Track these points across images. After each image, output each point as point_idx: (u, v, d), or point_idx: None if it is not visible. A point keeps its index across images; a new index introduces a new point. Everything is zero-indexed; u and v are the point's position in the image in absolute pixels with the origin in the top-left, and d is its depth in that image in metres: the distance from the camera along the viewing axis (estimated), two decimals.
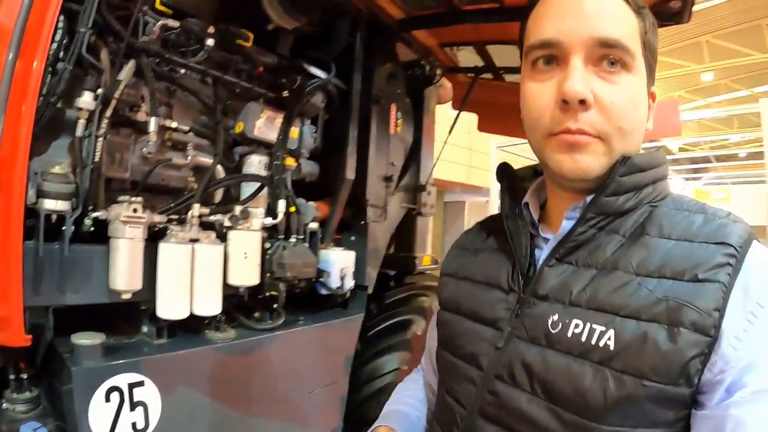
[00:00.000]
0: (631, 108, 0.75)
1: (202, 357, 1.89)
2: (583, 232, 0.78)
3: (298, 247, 2.25)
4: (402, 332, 2.89)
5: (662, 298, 0.67)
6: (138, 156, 1.91)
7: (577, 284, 0.76)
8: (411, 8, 2.79)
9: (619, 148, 0.76)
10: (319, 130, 2.72)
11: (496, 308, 0.86)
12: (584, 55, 0.74)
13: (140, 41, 1.82)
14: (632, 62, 0.75)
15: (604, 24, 0.74)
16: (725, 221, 0.72)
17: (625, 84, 0.75)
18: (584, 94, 0.72)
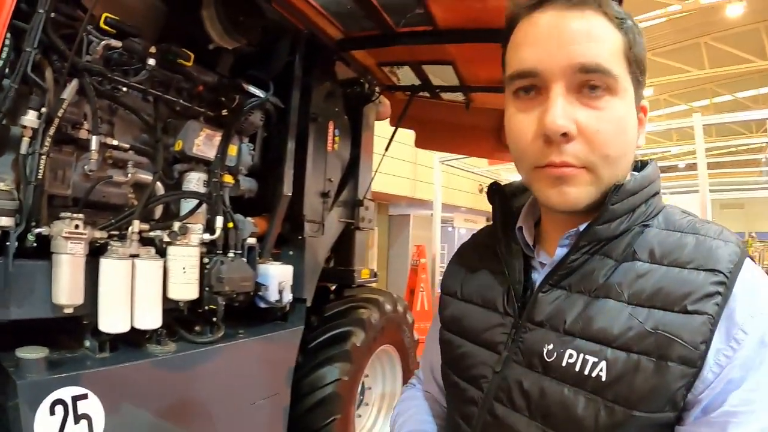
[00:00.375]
0: (617, 133, 0.76)
1: (143, 370, 2.02)
2: (576, 260, 0.81)
3: (236, 262, 2.41)
4: (342, 344, 3.07)
5: (652, 330, 0.70)
6: (80, 173, 2.02)
7: (570, 312, 0.79)
8: (349, 30, 3.03)
9: (607, 175, 0.77)
10: (257, 147, 2.89)
11: (494, 332, 0.89)
12: (565, 83, 0.74)
13: (83, 61, 1.95)
14: (616, 84, 0.75)
15: (582, 49, 0.74)
16: (716, 243, 0.75)
17: (611, 109, 0.75)
18: (565, 127, 0.73)
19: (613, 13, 0.76)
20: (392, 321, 3.61)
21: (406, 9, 2.68)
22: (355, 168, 3.73)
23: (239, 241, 2.50)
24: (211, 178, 2.45)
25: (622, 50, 0.76)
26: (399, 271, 15.58)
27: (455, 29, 2.78)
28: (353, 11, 2.75)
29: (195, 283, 2.20)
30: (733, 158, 15.50)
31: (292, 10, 2.71)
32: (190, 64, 2.35)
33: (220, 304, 2.30)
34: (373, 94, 3.82)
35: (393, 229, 16.82)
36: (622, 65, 0.76)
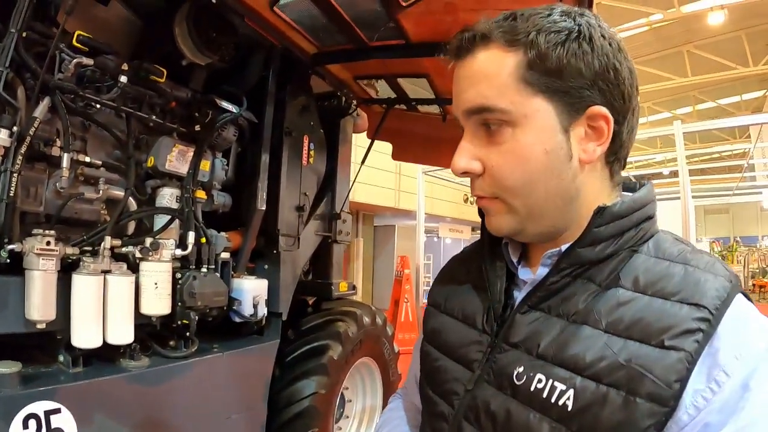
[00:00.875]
0: (516, 164, 0.77)
1: (116, 385, 2.06)
2: (556, 282, 0.80)
3: (208, 277, 2.46)
4: (318, 357, 3.12)
5: (624, 363, 0.68)
6: (52, 190, 2.07)
7: (546, 336, 0.78)
8: (323, 44, 3.11)
9: (519, 204, 0.80)
10: (231, 162, 2.95)
11: (471, 349, 0.89)
12: (468, 127, 0.81)
13: (55, 79, 2.01)
14: (509, 116, 0.76)
15: (467, 95, 0.79)
16: (705, 276, 0.72)
17: (511, 141, 0.77)
18: (463, 168, 0.81)
19: (507, 38, 0.76)
20: (371, 334, 3.66)
21: (378, 23, 2.76)
22: (331, 181, 3.79)
23: (212, 256, 2.56)
24: (183, 193, 2.49)
25: (515, 75, 0.75)
26: (384, 281, 15.64)
27: (427, 43, 2.87)
28: (326, 26, 2.83)
29: (167, 299, 2.25)
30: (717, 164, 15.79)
31: (265, 26, 2.78)
32: (162, 80, 2.41)
33: (193, 319, 2.35)
34: (350, 107, 3.90)
35: (378, 239, 16.91)
36: (517, 92, 0.76)
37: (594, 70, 0.75)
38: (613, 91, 0.77)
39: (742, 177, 13.21)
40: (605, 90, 0.77)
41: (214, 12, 2.57)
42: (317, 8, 2.61)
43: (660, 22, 13.38)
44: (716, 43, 15.12)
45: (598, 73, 0.76)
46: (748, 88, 18.56)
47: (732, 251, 20.40)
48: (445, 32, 2.70)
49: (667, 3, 12.31)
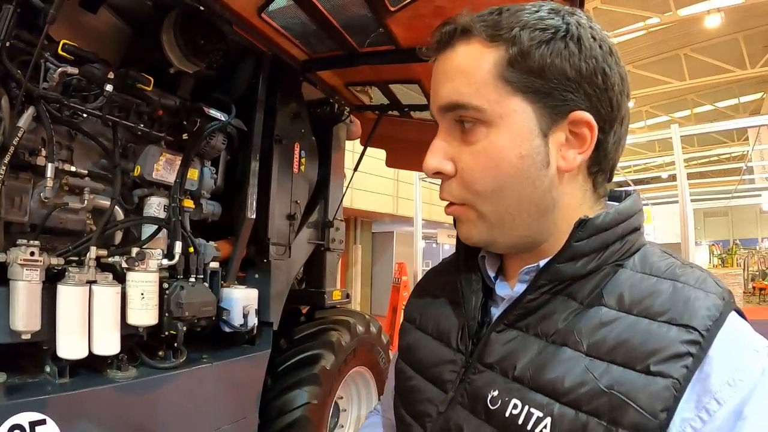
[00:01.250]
0: (487, 168, 0.73)
1: (103, 396, 2.05)
2: (534, 299, 0.75)
3: (196, 287, 2.46)
4: (311, 367, 3.11)
5: (606, 389, 0.64)
6: (36, 200, 2.07)
7: (522, 357, 0.73)
8: (313, 51, 3.10)
9: (489, 211, 0.75)
10: (220, 170, 2.94)
11: (444, 368, 0.84)
12: (443, 124, 0.77)
13: (40, 88, 2.00)
14: (484, 115, 0.71)
15: (442, 90, 0.75)
16: (695, 293, 0.67)
17: (481, 142, 0.73)
18: (435, 168, 0.76)
19: (490, 32, 0.72)
20: (365, 342, 3.65)
21: (368, 29, 2.75)
22: (324, 188, 3.79)
23: (201, 266, 2.55)
24: (171, 202, 2.49)
25: (494, 72, 0.71)
26: (383, 288, 15.64)
27: None
28: (316, 33, 2.82)
29: (154, 309, 2.24)
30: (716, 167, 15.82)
31: (253, 33, 2.77)
32: (149, 89, 2.41)
33: (181, 330, 2.34)
34: (343, 114, 3.89)
35: (377, 246, 16.92)
36: (494, 90, 0.71)
37: (580, 72, 0.71)
38: (601, 96, 0.72)
39: (740, 179, 13.24)
40: (591, 95, 0.72)
41: (201, 19, 2.57)
42: (306, 15, 2.61)
43: (657, 25, 13.44)
44: (713, 46, 15.19)
45: (585, 76, 0.71)
46: (746, 91, 18.63)
47: (732, 254, 20.42)
48: None
49: (664, 7, 12.35)
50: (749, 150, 12.22)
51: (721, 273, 13.95)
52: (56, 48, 2.08)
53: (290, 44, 2.97)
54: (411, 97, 3.70)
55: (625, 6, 12.46)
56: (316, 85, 3.52)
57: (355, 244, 15.85)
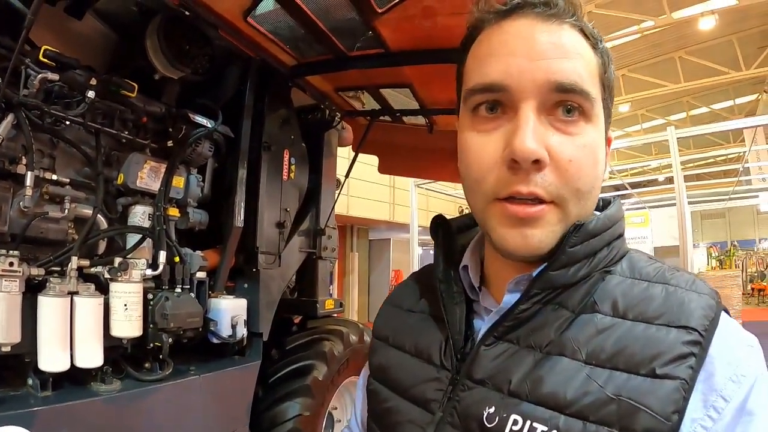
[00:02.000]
0: (590, 164, 0.69)
1: (86, 409, 2.01)
2: (526, 309, 0.71)
3: (182, 298, 2.41)
4: (302, 378, 3.06)
5: (614, 396, 0.62)
6: (16, 209, 2.02)
7: (517, 370, 0.70)
8: (302, 56, 3.07)
9: (575, 213, 0.69)
10: (207, 178, 2.90)
11: (427, 387, 0.79)
12: (537, 102, 0.67)
13: (20, 95, 1.97)
14: (591, 109, 0.68)
15: (561, 65, 0.66)
16: (689, 295, 0.67)
17: (585, 136, 0.68)
18: (539, 153, 0.65)
19: (590, 32, 0.71)
20: (359, 352, 3.59)
21: (357, 33, 2.73)
22: (315, 196, 3.74)
23: (187, 276, 2.51)
24: (155, 211, 2.45)
25: (597, 72, 0.70)
26: (380, 295, 15.62)
27: (408, 51, 2.83)
28: (304, 37, 2.79)
29: (138, 320, 2.20)
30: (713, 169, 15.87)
31: (240, 38, 2.74)
32: (133, 95, 2.38)
33: (165, 342, 2.29)
34: (334, 120, 3.85)
35: (373, 253, 16.92)
36: (598, 88, 0.70)
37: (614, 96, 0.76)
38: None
39: (737, 181, 13.27)
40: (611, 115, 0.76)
41: (186, 24, 2.54)
42: (293, 18, 2.57)
43: (651, 29, 13.49)
44: (708, 49, 15.27)
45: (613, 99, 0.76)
46: (741, 92, 18.71)
47: (730, 256, 20.46)
48: (424, 39, 2.67)
49: (658, 10, 12.39)
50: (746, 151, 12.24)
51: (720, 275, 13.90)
52: (38, 54, 2.05)
53: (278, 49, 2.94)
54: (403, 102, 3.66)
55: (619, 10, 12.51)
56: (305, 91, 3.48)
57: (352, 252, 15.83)
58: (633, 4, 12.45)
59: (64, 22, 2.48)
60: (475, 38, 0.74)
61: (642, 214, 12.65)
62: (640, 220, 12.26)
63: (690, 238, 8.72)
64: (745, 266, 21.61)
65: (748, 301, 18.45)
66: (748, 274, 21.71)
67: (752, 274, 22.03)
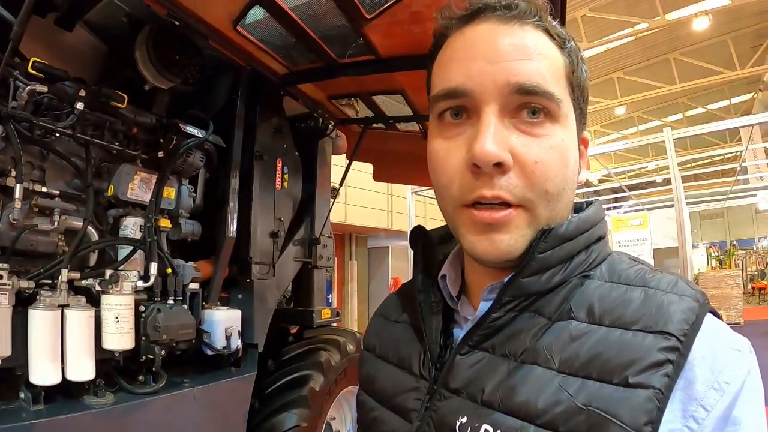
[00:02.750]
0: (558, 166, 0.67)
1: (79, 423, 2.00)
2: (499, 318, 0.70)
3: (174, 309, 2.40)
4: (299, 388, 3.04)
5: (583, 407, 0.59)
6: (5, 221, 2.02)
7: (490, 380, 0.68)
8: (293, 64, 3.06)
9: (545, 216, 0.68)
10: (199, 188, 2.89)
11: (407, 397, 0.79)
12: (499, 105, 0.66)
13: (9, 107, 1.97)
14: (558, 110, 0.67)
15: (522, 66, 0.66)
16: (668, 298, 0.64)
17: (552, 137, 0.67)
18: (499, 155, 0.64)
19: (556, 32, 0.70)
20: (356, 362, 3.54)
21: (347, 40, 2.72)
22: (310, 205, 3.73)
23: (179, 287, 2.50)
24: (146, 222, 2.44)
25: (564, 72, 0.69)
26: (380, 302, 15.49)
27: (398, 57, 2.82)
28: (295, 45, 2.79)
29: (129, 333, 2.19)
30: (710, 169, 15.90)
31: (230, 47, 2.73)
32: (123, 106, 2.37)
33: (158, 354, 2.28)
34: (327, 128, 3.84)
35: (372, 261, 16.87)
36: (564, 89, 0.69)
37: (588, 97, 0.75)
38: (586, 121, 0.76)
39: (735, 180, 13.28)
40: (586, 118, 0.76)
41: (176, 34, 2.54)
42: (282, 26, 2.57)
43: (645, 31, 13.53)
44: (702, 49, 15.33)
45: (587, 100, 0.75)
46: (736, 92, 18.77)
47: (729, 255, 20.45)
48: (415, 44, 2.66)
49: (652, 11, 12.44)
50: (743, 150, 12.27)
51: (720, 275, 13.93)
52: (27, 66, 2.05)
53: (269, 57, 2.94)
54: (396, 109, 3.65)
55: (612, 13, 12.56)
56: (298, 99, 3.48)
57: (351, 260, 15.79)
58: (627, 6, 12.52)
59: (54, 34, 2.49)
60: (441, 46, 0.74)
61: (640, 216, 12.66)
62: (639, 222, 12.25)
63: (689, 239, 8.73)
64: (745, 265, 21.61)
65: (749, 300, 18.45)
66: (749, 273, 21.72)
67: (752, 273, 22.04)
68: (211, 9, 2.36)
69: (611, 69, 16.36)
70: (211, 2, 2.32)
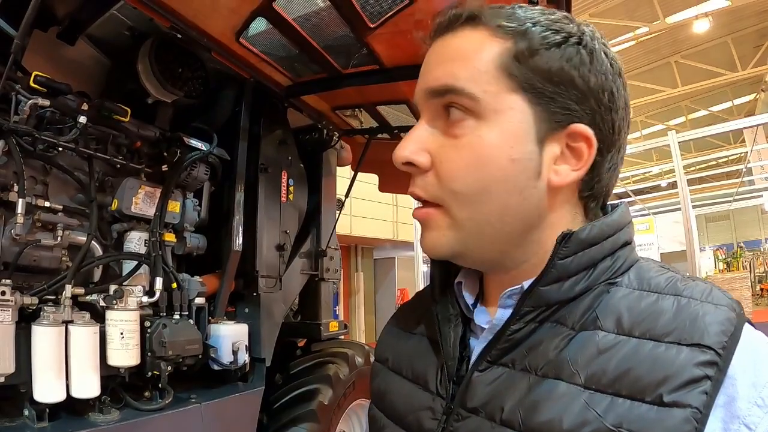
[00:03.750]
0: (469, 165, 0.65)
1: None
2: (519, 330, 0.66)
3: (180, 324, 2.36)
4: (307, 403, 2.99)
5: (613, 428, 0.55)
6: (8, 237, 2.00)
7: (510, 397, 0.64)
8: (297, 75, 3.04)
9: (463, 216, 0.67)
10: (204, 202, 2.87)
11: (423, 416, 0.74)
12: (428, 111, 0.69)
13: (11, 121, 1.95)
14: (477, 106, 0.65)
15: (435, 72, 0.68)
16: (704, 308, 0.59)
17: (468, 135, 0.65)
18: (406, 157, 0.67)
19: (499, 23, 0.66)
20: (365, 374, 3.51)
21: (351, 50, 2.71)
22: (316, 217, 3.70)
23: (185, 302, 2.47)
24: (150, 237, 2.42)
25: (497, 61, 0.65)
26: (387, 315, 15.42)
27: (402, 66, 2.80)
28: (298, 56, 2.77)
29: (135, 349, 2.15)
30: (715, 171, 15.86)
31: (233, 59, 2.71)
32: (126, 120, 2.36)
33: (164, 370, 2.24)
34: (332, 139, 3.81)
35: (379, 272, 16.85)
36: (496, 81, 0.65)
37: (588, 84, 0.65)
38: (604, 115, 0.67)
39: (741, 182, 13.23)
40: (596, 111, 0.66)
41: (178, 47, 2.53)
42: (286, 38, 2.55)
43: (646, 35, 13.55)
44: (704, 51, 15.33)
45: (592, 89, 0.66)
46: (739, 93, 18.74)
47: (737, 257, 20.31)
48: (418, 54, 2.63)
49: (652, 15, 12.45)
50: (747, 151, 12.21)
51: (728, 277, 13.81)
52: (29, 80, 2.03)
53: (272, 69, 2.92)
54: (400, 119, 3.63)
55: (613, 17, 12.57)
56: (302, 111, 3.46)
57: (357, 272, 15.76)
58: (627, 11, 12.53)
59: (56, 48, 2.48)
60: None
61: (647, 221, 12.62)
62: (645, 227, 12.22)
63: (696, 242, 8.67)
64: (752, 267, 21.47)
65: (758, 302, 18.28)
66: (756, 274, 21.57)
67: (760, 274, 21.90)
68: (214, 21, 2.35)
69: None
70: (213, 14, 2.30)
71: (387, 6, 2.29)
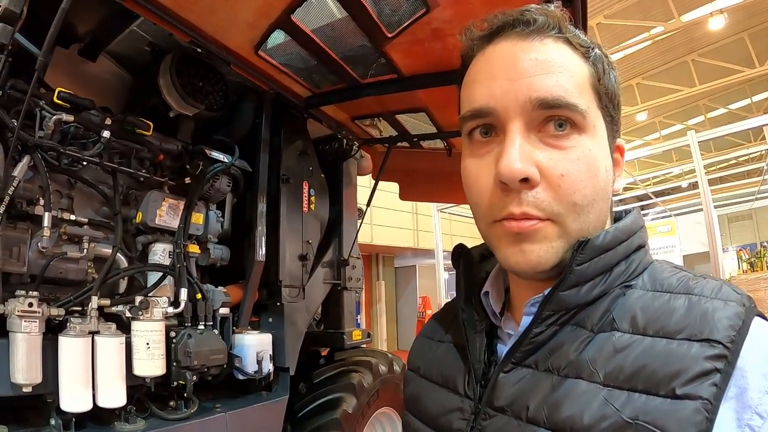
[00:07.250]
0: (586, 177, 0.66)
1: None
2: (541, 333, 0.69)
3: (205, 335, 2.37)
4: (331, 411, 2.98)
5: (630, 420, 0.57)
6: (35, 250, 2.02)
7: (535, 396, 0.67)
8: (316, 86, 3.05)
9: (575, 227, 0.67)
10: (226, 213, 2.88)
11: (453, 417, 0.77)
12: (524, 121, 0.66)
13: (36, 136, 1.98)
14: (584, 120, 0.66)
15: (542, 81, 0.65)
16: (713, 304, 0.61)
17: (578, 148, 0.66)
18: (524, 172, 0.64)
19: (578, 41, 0.69)
20: (388, 382, 3.51)
21: (369, 60, 2.70)
22: (337, 226, 3.70)
23: (209, 312, 2.47)
24: (174, 248, 2.43)
25: (588, 81, 0.68)
26: (408, 322, 15.49)
27: (420, 74, 2.79)
28: (317, 67, 2.78)
29: (160, 359, 2.16)
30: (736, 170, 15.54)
31: (253, 72, 2.73)
32: (149, 133, 2.38)
33: (189, 379, 2.25)
34: (352, 149, 3.82)
35: (400, 281, 16.83)
36: (590, 98, 0.68)
37: (620, 102, 0.73)
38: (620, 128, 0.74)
39: (762, 179, 12.95)
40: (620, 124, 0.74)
41: (199, 61, 2.54)
42: (304, 49, 2.56)
43: (661, 34, 13.34)
44: (720, 49, 15.06)
45: (620, 105, 0.73)
46: (757, 90, 18.34)
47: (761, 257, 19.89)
48: (436, 62, 2.63)
49: (667, 14, 12.29)
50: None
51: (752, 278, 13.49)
52: (52, 96, 2.07)
53: (291, 81, 2.93)
54: (419, 127, 3.61)
55: (627, 18, 12.42)
56: (322, 122, 3.46)
57: (378, 281, 15.76)
58: (641, 11, 12.36)
59: (78, 65, 2.53)
60: (466, 67, 0.75)
61: (668, 222, 12.39)
62: (667, 229, 11.99)
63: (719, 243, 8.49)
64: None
65: None
66: None
67: None
68: (233, 35, 2.36)
69: (630, 75, 16.15)
70: (232, 28, 2.32)
71: (404, 16, 2.28)
